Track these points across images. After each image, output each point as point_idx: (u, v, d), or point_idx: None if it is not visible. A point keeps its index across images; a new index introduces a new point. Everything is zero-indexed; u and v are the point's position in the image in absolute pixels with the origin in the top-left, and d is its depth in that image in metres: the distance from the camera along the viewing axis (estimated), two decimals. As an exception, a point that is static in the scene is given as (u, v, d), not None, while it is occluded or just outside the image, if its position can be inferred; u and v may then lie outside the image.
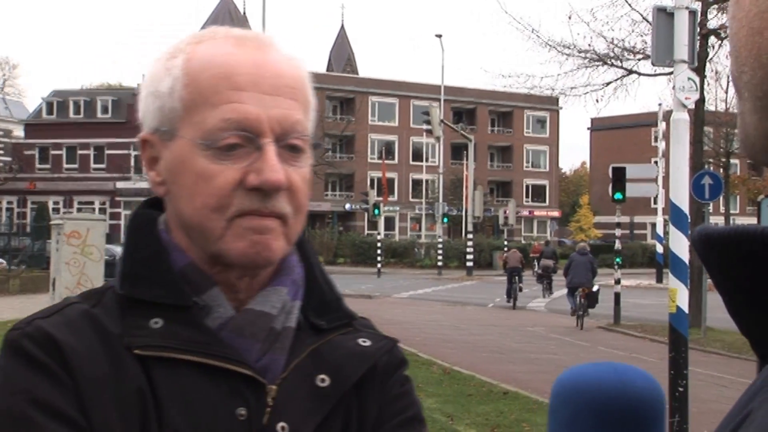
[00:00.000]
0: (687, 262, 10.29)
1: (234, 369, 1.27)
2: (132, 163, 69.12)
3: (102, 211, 66.91)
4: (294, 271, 1.40)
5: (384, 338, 1.44)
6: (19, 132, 79.28)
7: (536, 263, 41.32)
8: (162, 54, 1.37)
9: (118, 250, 40.66)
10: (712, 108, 32.42)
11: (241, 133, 1.27)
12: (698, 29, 12.32)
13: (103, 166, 73.07)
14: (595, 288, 24.35)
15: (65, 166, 73.94)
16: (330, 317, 1.40)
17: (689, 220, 11.02)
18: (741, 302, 0.76)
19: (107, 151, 72.50)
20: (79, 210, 66.44)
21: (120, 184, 70.52)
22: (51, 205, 68.83)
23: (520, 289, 31.77)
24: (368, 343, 1.39)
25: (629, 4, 22.74)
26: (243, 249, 1.27)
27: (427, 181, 74.49)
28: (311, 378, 1.32)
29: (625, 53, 23.68)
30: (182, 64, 1.32)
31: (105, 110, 74.08)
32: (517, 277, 31.34)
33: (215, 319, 1.31)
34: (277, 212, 1.28)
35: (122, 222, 71.17)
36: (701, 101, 21.27)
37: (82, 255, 14.59)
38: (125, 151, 69.85)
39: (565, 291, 26.45)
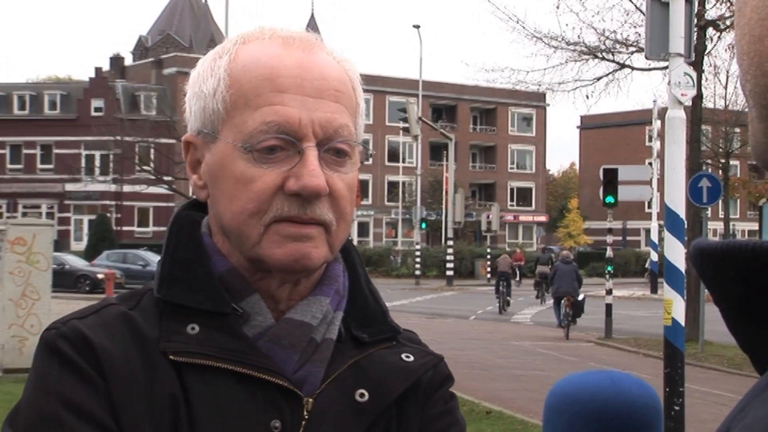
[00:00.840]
0: (683, 271, 10.36)
1: (270, 379, 1.31)
2: (83, 163, 68.77)
3: (50, 215, 66.33)
4: (338, 280, 1.44)
5: (429, 354, 1.48)
6: (-42, 129, 78.70)
7: (517, 270, 44.60)
8: (209, 54, 1.44)
9: (68, 258, 40.48)
10: (710, 105, 32.69)
11: (282, 137, 1.32)
12: (695, 20, 12.41)
13: (50, 166, 72.57)
14: (580, 297, 25.29)
15: (9, 166, 73.30)
16: (373, 330, 1.44)
17: (686, 226, 11.10)
18: (739, 317, 0.78)
19: (55, 150, 72.03)
20: (24, 214, 65.78)
21: (69, 186, 70.07)
22: (-7, 209, 68.33)
23: (509, 295, 33.72)
24: (411, 358, 1.43)
25: (622, -7, 22.87)
26: (280, 256, 1.33)
27: (403, 183, 74.59)
28: (350, 392, 1.36)
29: (617, 46, 23.82)
30: (226, 64, 1.38)
31: (53, 106, 73.58)
32: (504, 283, 33.39)
33: (254, 327, 1.37)
34: (318, 219, 1.34)
35: (72, 227, 70.83)
36: (699, 98, 21.40)
37: (28, 263, 14.44)
38: (75, 151, 69.49)
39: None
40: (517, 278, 44.59)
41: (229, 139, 1.35)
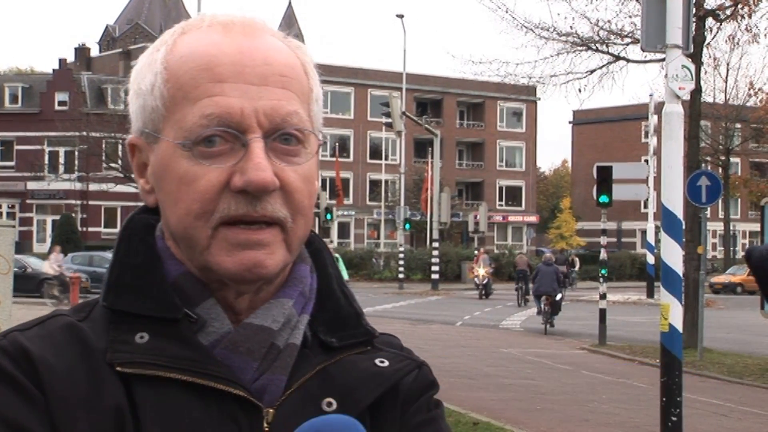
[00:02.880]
0: (681, 274, 10.39)
1: (226, 390, 1.28)
2: (46, 160, 68.46)
3: (11, 215, 66.18)
4: (304, 282, 1.41)
5: (407, 359, 1.44)
6: None
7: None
8: (149, 48, 1.40)
9: (30, 260, 40.24)
10: (709, 99, 32.82)
11: (224, 130, 1.29)
12: (694, 10, 12.45)
13: (11, 163, 72.27)
14: (558, 297, 29.33)
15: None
16: (344, 334, 1.41)
17: (684, 227, 11.12)
18: None
19: (17, 147, 71.72)
20: (-16, 215, 65.58)
21: (32, 185, 69.84)
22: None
23: (527, 293, 37.41)
24: (386, 363, 1.39)
25: (616, -19, 22.95)
26: (230, 265, 1.29)
27: (386, 181, 74.64)
28: (316, 401, 1.32)
29: (612, 37, 23.92)
30: (163, 57, 1.34)
31: (14, 99, 73.32)
32: (522, 281, 38.35)
33: (210, 334, 1.33)
34: (269, 216, 1.30)
35: (34, 228, 70.56)
36: (697, 91, 21.48)
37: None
38: (38, 147, 69.18)
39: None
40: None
41: (170, 137, 1.31)
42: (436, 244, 50.57)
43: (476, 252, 52.47)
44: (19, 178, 70.83)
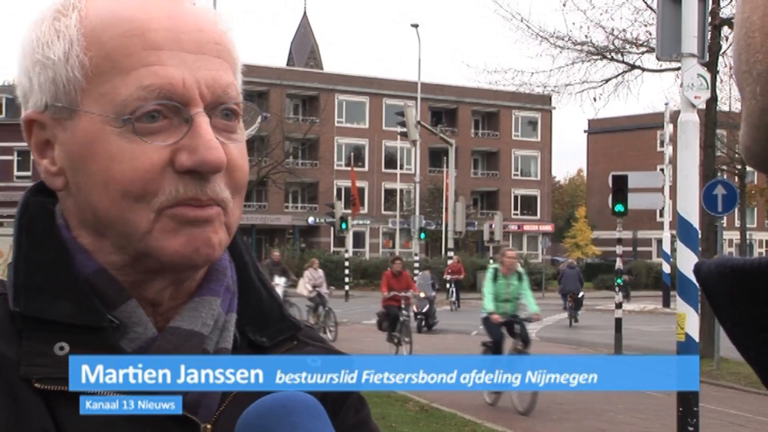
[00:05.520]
0: (697, 283, 10.36)
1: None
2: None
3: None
4: (226, 274, 1.30)
5: (334, 352, 1.36)
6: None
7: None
8: (44, 13, 1.25)
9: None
10: (725, 108, 32.67)
11: (166, 103, 1.17)
12: (709, 19, 12.43)
13: (28, 174, 72.55)
14: (580, 294, 35.33)
15: (-16, 173, 73.42)
16: (271, 331, 1.32)
17: (700, 236, 11.09)
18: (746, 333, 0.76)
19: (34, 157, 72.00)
20: (0, 224, 65.75)
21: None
22: (-32, 219, 68.30)
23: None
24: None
25: (632, -10, 22.93)
26: (176, 246, 1.18)
27: (401, 191, 74.57)
28: None
29: (627, 46, 23.87)
30: (77, 22, 1.20)
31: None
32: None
33: (132, 341, 1.21)
34: (217, 198, 1.20)
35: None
36: (713, 100, 21.45)
37: (5, 277, 14.45)
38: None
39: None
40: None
41: (96, 111, 1.17)
42: (451, 254, 50.52)
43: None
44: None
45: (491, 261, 48.24)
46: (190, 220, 1.18)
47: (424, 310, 32.21)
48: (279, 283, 24.30)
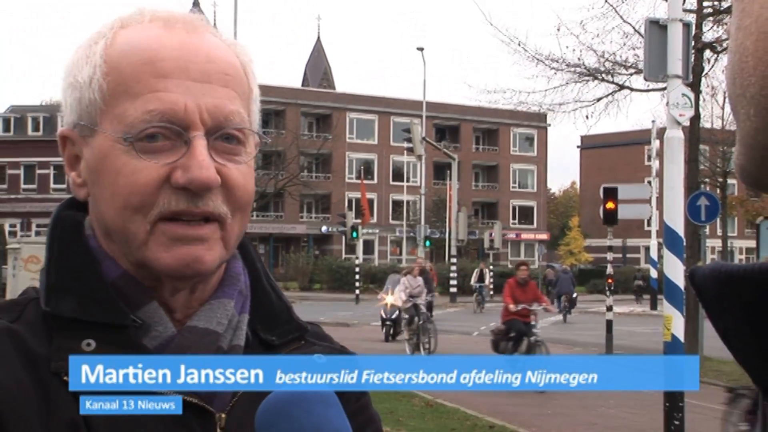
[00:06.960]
0: (682, 287, 10.34)
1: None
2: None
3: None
4: (240, 279, 1.34)
5: (339, 351, 1.40)
6: (-27, 150, 78.86)
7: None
8: (85, 40, 1.29)
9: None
10: (708, 125, 32.64)
11: (166, 125, 1.21)
12: (693, 43, 12.42)
13: (63, 186, 72.71)
14: (574, 295, 39.06)
15: (23, 186, 73.57)
16: (280, 331, 1.35)
17: (684, 244, 11.07)
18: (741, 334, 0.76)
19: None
20: (37, 233, 65.89)
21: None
22: (7, 228, 68.27)
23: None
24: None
25: (621, 16, 22.89)
26: (168, 260, 1.21)
27: (408, 202, 74.58)
28: None
29: (617, 67, 23.82)
30: (102, 50, 1.25)
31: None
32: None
33: (154, 339, 1.24)
34: (210, 213, 1.22)
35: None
36: (696, 118, 21.39)
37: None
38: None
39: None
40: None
41: (109, 131, 1.22)
42: (454, 260, 50.51)
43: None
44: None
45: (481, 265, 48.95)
46: (181, 237, 1.21)
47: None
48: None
